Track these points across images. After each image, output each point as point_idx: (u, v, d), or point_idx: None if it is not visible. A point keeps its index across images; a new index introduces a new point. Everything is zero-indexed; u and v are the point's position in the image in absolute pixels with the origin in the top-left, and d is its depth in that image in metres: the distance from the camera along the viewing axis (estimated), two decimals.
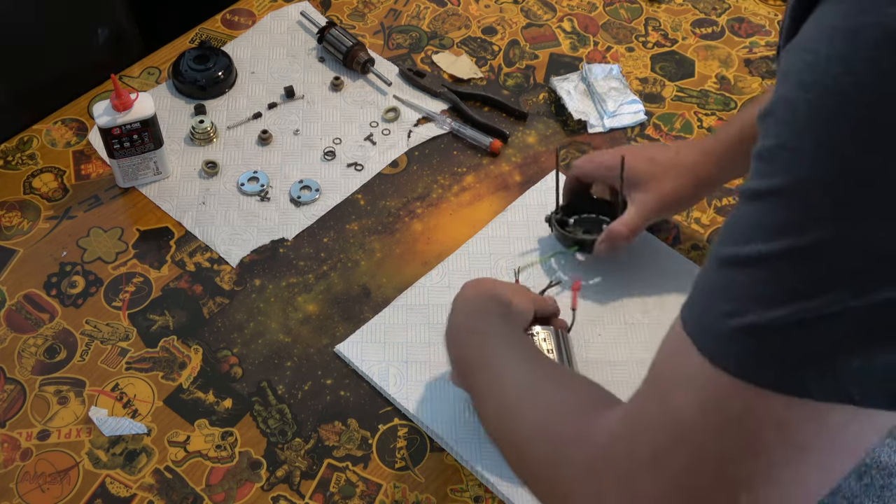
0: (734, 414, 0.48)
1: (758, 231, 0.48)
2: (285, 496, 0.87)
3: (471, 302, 0.84)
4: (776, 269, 0.47)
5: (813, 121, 0.45)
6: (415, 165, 1.13)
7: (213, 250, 1.04)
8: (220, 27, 1.28)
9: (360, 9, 1.31)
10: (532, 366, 0.72)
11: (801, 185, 0.46)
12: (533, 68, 1.25)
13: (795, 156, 0.46)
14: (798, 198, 0.46)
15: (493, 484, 0.87)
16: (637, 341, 0.97)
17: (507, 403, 0.69)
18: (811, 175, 0.45)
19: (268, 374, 0.95)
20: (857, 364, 0.45)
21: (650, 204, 0.95)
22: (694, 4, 1.34)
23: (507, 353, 0.75)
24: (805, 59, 0.46)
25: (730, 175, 0.97)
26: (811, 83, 0.45)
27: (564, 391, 0.66)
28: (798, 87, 0.46)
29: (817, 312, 0.45)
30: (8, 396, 0.93)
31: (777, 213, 0.47)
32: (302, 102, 1.19)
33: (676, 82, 1.24)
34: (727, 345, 0.48)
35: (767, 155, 0.48)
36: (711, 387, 0.49)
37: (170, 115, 1.17)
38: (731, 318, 0.48)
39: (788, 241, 0.46)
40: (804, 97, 0.45)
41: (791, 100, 0.46)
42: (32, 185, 1.10)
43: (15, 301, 1.00)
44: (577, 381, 0.69)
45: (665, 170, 0.95)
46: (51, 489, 0.87)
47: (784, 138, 0.46)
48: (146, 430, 0.91)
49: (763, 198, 0.48)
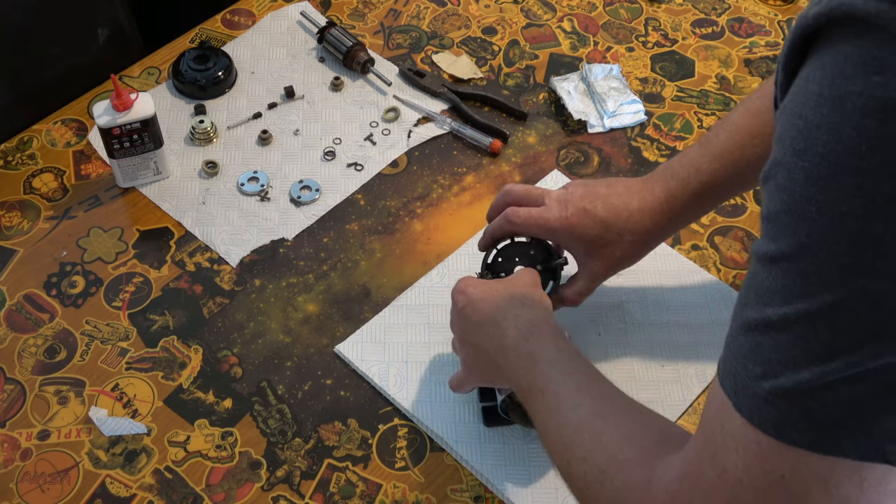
0: (779, 474, 0.49)
1: (775, 295, 0.49)
2: (285, 496, 0.87)
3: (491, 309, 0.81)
4: (795, 332, 0.48)
5: (810, 188, 0.46)
6: (415, 165, 1.13)
7: (213, 250, 1.04)
8: (220, 27, 1.28)
9: (360, 9, 1.31)
10: (589, 397, 0.70)
11: (807, 250, 0.47)
12: (533, 68, 1.25)
13: (798, 222, 0.47)
14: (805, 262, 0.47)
15: (493, 484, 0.87)
16: (637, 341, 0.97)
17: (566, 441, 0.68)
18: (815, 240, 0.46)
19: (268, 374, 0.95)
20: (890, 424, 0.47)
21: (602, 272, 0.89)
22: (694, 4, 1.34)
23: (562, 381, 0.72)
24: (797, 125, 0.47)
25: (681, 226, 0.91)
26: (804, 150, 0.46)
27: (624, 431, 0.65)
28: (793, 154, 0.47)
29: (839, 374, 0.47)
30: (8, 396, 0.93)
31: (789, 278, 0.48)
32: (302, 102, 1.19)
33: (676, 82, 1.24)
34: (763, 407, 0.50)
35: (774, 219, 0.49)
36: (755, 448, 0.50)
37: (170, 115, 1.17)
38: (763, 380, 0.49)
39: (802, 305, 0.47)
40: (799, 164, 0.46)
41: (788, 166, 0.47)
42: (32, 185, 1.10)
43: (15, 301, 1.00)
44: (634, 414, 0.68)
45: (619, 235, 0.87)
46: (51, 489, 0.87)
47: (786, 204, 0.48)
48: (146, 430, 0.91)
49: (775, 262, 0.49)
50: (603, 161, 1.14)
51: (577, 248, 0.89)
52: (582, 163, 1.14)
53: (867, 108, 0.43)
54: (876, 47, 0.43)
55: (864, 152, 0.43)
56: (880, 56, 0.43)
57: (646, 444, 0.62)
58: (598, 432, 0.66)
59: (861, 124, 0.43)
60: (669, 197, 0.87)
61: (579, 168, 1.14)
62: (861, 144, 0.43)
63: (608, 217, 0.86)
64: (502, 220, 0.88)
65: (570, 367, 0.73)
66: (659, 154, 1.15)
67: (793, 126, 0.47)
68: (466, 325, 0.83)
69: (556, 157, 1.15)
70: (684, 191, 0.86)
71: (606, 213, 0.86)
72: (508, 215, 0.88)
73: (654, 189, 0.87)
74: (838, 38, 0.45)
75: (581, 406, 0.69)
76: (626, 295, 1.01)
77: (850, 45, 0.44)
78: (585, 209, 0.86)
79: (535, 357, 0.75)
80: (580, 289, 0.90)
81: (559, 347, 0.76)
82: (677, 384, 0.94)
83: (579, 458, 0.65)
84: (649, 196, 0.87)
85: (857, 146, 0.43)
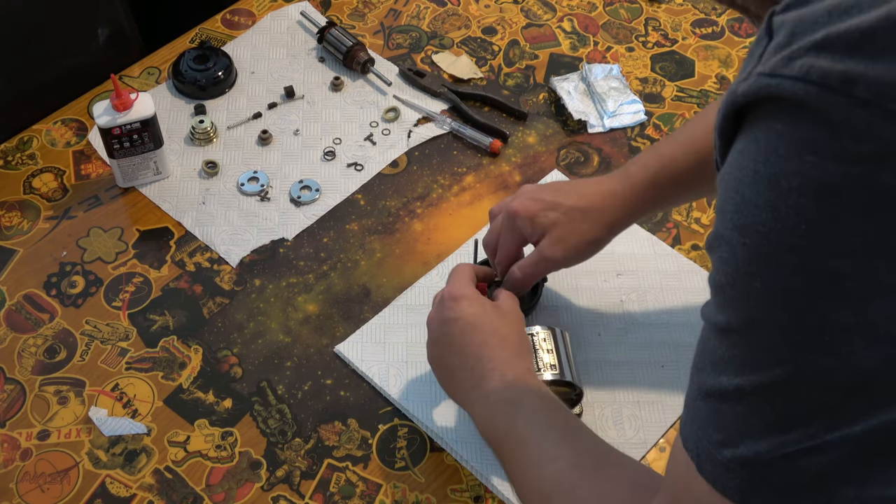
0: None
1: (728, 365, 0.49)
2: (285, 496, 0.87)
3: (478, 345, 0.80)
4: (750, 403, 0.48)
5: (753, 265, 0.46)
6: (415, 165, 1.13)
7: (213, 250, 1.04)
8: (220, 27, 1.28)
9: (360, 9, 1.31)
10: (569, 450, 0.71)
11: (755, 325, 0.47)
12: (533, 68, 1.25)
13: (744, 297, 0.47)
14: (755, 337, 0.47)
15: (493, 484, 0.87)
16: (637, 341, 0.97)
17: (544, 492, 0.69)
18: (762, 316, 0.46)
19: (268, 374, 0.95)
20: (853, 493, 0.46)
21: (552, 252, 0.87)
22: (694, 4, 1.34)
23: (543, 433, 0.73)
24: (734, 200, 0.46)
25: (643, 212, 0.90)
26: (744, 226, 0.46)
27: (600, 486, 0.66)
28: (734, 229, 0.47)
29: (798, 446, 0.46)
30: (8, 396, 0.93)
31: (739, 349, 0.48)
32: (302, 102, 1.19)
33: (676, 82, 1.24)
34: (725, 474, 0.49)
35: (720, 290, 0.49)
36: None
37: (170, 115, 1.17)
38: (724, 448, 0.49)
39: (755, 378, 0.47)
40: (741, 240, 0.46)
41: (730, 240, 0.47)
42: (32, 185, 1.10)
43: (15, 301, 1.00)
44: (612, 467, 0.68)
45: (569, 217, 0.86)
46: (51, 489, 0.87)
47: (731, 277, 0.48)
48: (146, 430, 0.91)
49: (724, 333, 0.49)
50: (603, 161, 1.14)
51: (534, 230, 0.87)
52: (582, 163, 1.14)
53: (803, 188, 0.43)
54: (808, 129, 0.42)
55: (803, 231, 0.43)
56: (812, 138, 0.42)
57: (619, 497, 0.63)
58: (575, 485, 0.67)
59: (798, 203, 0.43)
60: (627, 177, 0.88)
61: (579, 168, 1.14)
62: (800, 224, 0.43)
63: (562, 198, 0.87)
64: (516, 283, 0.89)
65: (553, 419, 0.74)
66: None
67: (731, 200, 0.47)
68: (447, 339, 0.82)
69: (556, 157, 1.15)
70: (643, 172, 0.87)
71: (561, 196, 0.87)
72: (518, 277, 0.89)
73: (613, 176, 0.90)
74: (770, 116, 0.44)
75: (561, 458, 0.70)
76: (626, 295, 1.01)
77: (781, 124, 0.44)
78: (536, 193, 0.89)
79: (518, 405, 0.76)
80: (526, 263, 0.88)
81: (542, 395, 0.77)
82: (677, 384, 0.94)
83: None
84: (607, 181, 0.89)
85: (797, 225, 0.43)
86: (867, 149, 0.41)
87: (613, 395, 0.93)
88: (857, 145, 0.41)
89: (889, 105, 0.40)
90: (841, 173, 0.42)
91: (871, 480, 0.46)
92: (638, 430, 0.91)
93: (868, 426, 0.45)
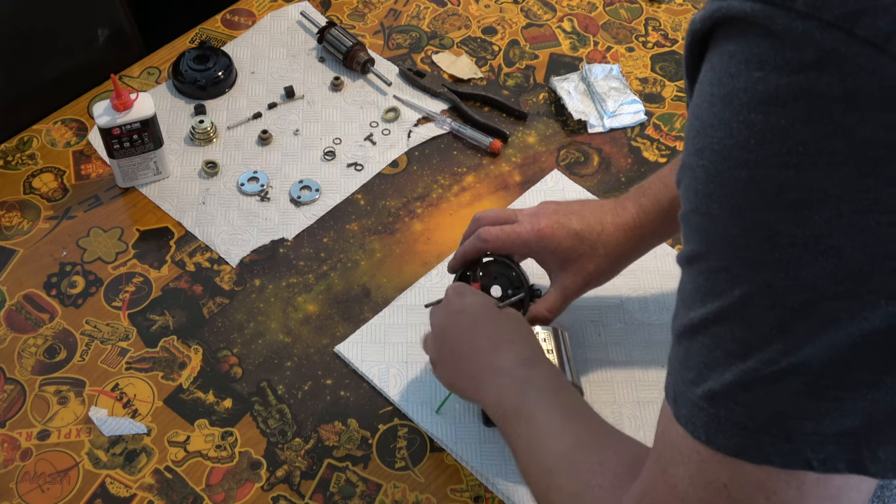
0: (721, 483, 0.50)
1: (695, 297, 0.50)
2: (285, 496, 0.87)
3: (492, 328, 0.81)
4: (714, 333, 0.49)
5: (710, 185, 0.47)
6: (415, 165, 1.13)
7: (213, 250, 1.04)
8: (220, 27, 1.28)
9: (360, 9, 1.31)
10: (574, 427, 0.71)
11: (714, 246, 0.48)
12: (533, 68, 1.25)
13: (704, 219, 0.48)
14: (715, 259, 0.48)
15: (493, 484, 0.87)
16: (637, 341, 0.97)
17: (548, 467, 0.69)
18: (720, 236, 0.48)
19: (268, 374, 0.95)
20: (810, 427, 0.46)
21: (576, 287, 0.88)
22: (694, 4, 1.34)
23: (550, 411, 0.73)
24: (694, 126, 0.48)
25: (654, 244, 0.91)
26: (701, 149, 0.48)
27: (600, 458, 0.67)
28: (694, 153, 0.48)
29: (756, 374, 0.47)
30: (8, 396, 0.93)
31: (703, 277, 0.49)
32: (302, 102, 1.19)
33: (676, 82, 1.24)
34: (696, 414, 0.50)
35: (686, 220, 0.50)
36: (696, 458, 0.51)
37: (170, 115, 1.17)
38: (695, 385, 0.50)
39: (717, 304, 0.48)
40: (700, 163, 0.48)
41: (691, 166, 0.49)
42: (32, 185, 1.10)
43: (15, 301, 1.00)
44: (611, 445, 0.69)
45: (592, 248, 0.87)
46: (51, 489, 0.87)
47: (693, 203, 0.49)
48: (146, 430, 0.91)
49: (691, 262, 0.50)
50: (603, 161, 1.14)
51: (551, 260, 0.89)
52: (582, 163, 1.14)
53: (752, 103, 0.44)
54: (755, 44, 0.44)
55: (752, 146, 0.45)
56: (759, 52, 0.44)
57: (619, 470, 0.64)
58: (577, 461, 0.67)
59: (748, 119, 0.45)
60: (641, 213, 0.88)
61: (579, 168, 1.14)
62: (750, 138, 0.45)
63: (582, 229, 0.87)
64: (475, 240, 0.89)
65: (561, 399, 0.75)
66: (659, 154, 1.15)
67: (692, 126, 0.49)
68: (456, 329, 0.83)
69: (557, 157, 1.15)
70: (655, 206, 0.87)
71: (580, 226, 0.87)
72: (481, 234, 0.88)
73: (627, 206, 0.88)
74: (723, 38, 0.47)
75: (566, 436, 0.70)
76: (626, 295, 1.01)
77: (733, 44, 0.46)
78: (559, 221, 0.87)
79: (529, 383, 0.76)
80: (551, 304, 0.89)
81: (552, 376, 0.78)
82: None
83: (558, 485, 0.67)
84: (622, 212, 0.88)
85: (747, 140, 0.45)
86: (808, 58, 0.42)
87: (613, 395, 0.93)
88: (798, 54, 0.43)
89: (825, 16, 0.42)
90: (785, 84, 0.43)
91: (827, 415, 0.46)
92: (638, 430, 0.91)
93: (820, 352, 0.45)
